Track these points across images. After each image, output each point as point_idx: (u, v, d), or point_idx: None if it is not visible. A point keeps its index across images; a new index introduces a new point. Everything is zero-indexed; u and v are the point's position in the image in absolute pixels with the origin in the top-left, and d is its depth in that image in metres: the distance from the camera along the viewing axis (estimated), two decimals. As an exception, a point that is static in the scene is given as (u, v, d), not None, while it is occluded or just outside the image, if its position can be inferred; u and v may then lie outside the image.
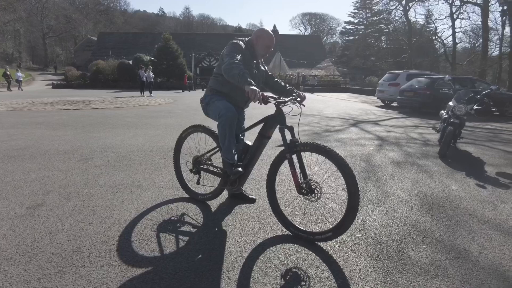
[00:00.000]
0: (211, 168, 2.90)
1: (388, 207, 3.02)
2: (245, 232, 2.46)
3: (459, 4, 25.41)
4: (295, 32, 70.27)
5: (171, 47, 29.79)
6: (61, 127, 7.01)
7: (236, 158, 2.60)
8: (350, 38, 60.83)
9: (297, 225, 2.43)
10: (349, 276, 1.97)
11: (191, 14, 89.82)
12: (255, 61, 2.69)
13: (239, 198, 3.05)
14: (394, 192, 3.43)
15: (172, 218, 2.65)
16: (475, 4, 23.75)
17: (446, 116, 5.33)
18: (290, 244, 2.31)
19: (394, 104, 15.03)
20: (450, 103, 5.83)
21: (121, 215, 2.67)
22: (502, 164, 4.75)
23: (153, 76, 20.20)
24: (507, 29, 27.02)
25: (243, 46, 2.56)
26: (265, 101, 2.27)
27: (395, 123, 9.03)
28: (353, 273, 2.00)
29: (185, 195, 3.12)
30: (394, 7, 26.80)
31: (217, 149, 2.82)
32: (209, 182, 3.26)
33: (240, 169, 2.53)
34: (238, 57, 2.41)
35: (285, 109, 2.48)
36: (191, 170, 2.98)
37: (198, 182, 2.92)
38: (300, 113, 2.55)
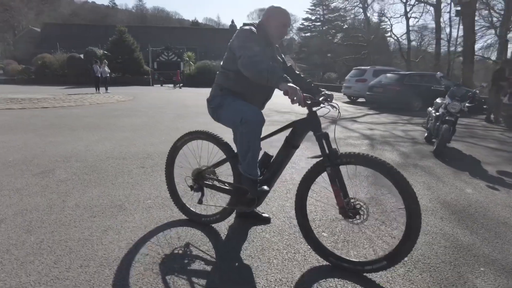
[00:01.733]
0: (217, 183, 2.35)
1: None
2: (274, 266, 1.97)
3: (412, 3, 26.68)
4: (253, 27, 69.86)
5: (127, 41, 27.96)
6: (7, 130, 5.93)
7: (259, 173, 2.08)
8: (308, 34, 61.75)
9: (338, 254, 1.98)
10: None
11: (145, 7, 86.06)
12: (270, 49, 2.18)
13: (251, 217, 2.53)
14: (384, 189, 3.11)
15: (176, 252, 2.08)
16: (428, 3, 25.06)
17: (438, 113, 5.19)
18: (336, 279, 1.86)
19: (360, 100, 15.20)
20: (438, 100, 5.73)
21: (108, 251, 2.04)
22: (496, 162, 4.69)
23: (109, 71, 18.70)
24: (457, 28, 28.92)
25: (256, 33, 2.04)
26: (305, 102, 1.80)
27: (371, 119, 8.95)
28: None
29: (182, 216, 2.54)
30: (355, 4, 27.48)
31: (225, 159, 2.29)
32: (214, 201, 2.71)
33: (266, 187, 2.02)
34: (257, 49, 1.90)
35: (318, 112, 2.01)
36: (191, 187, 2.40)
37: (200, 201, 2.36)
38: (339, 116, 2.09)
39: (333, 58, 40.76)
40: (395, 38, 31.27)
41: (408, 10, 27.56)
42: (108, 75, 18.25)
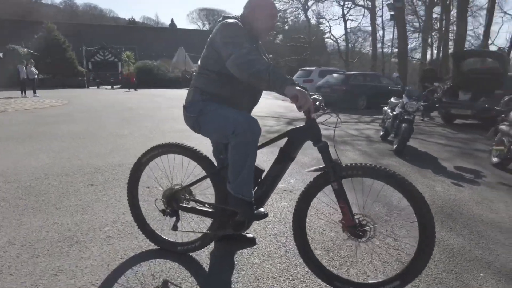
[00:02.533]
0: (197, 206, 1.99)
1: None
2: (275, 300, 1.68)
3: (349, 6, 28.20)
4: (193, 27, 68.37)
5: (56, 39, 25.43)
6: None
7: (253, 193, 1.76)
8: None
9: (345, 277, 1.76)
10: None
11: (75, 3, 79.46)
12: (256, 46, 1.90)
13: (234, 239, 2.21)
14: (392, 202, 3.05)
15: (153, 294, 1.69)
16: (364, 7, 26.70)
17: (395, 112, 5.32)
18: (348, 310, 1.63)
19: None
20: (393, 100, 5.90)
21: (62, 306, 1.58)
22: (450, 157, 4.92)
23: (36, 72, 16.73)
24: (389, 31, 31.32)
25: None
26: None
27: (321, 119, 9.05)
28: None
29: (152, 244, 2.14)
30: (296, 6, 28.12)
31: (205, 176, 1.94)
32: (192, 225, 2.33)
33: (263, 210, 1.72)
34: (249, 46, 1.61)
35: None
36: (163, 212, 2.01)
37: (175, 228, 1.98)
38: (340, 122, 1.86)
39: (275, 59, 41.54)
40: (334, 39, 32.81)
41: (345, 13, 29.06)
42: (36, 76, 16.34)
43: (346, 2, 28.19)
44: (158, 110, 10.03)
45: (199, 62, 1.86)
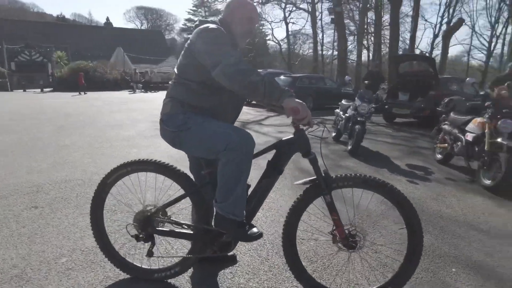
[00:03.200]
0: (175, 228, 1.80)
1: (378, 227, 2.66)
2: (270, 324, 1.58)
3: (290, 10, 29.06)
4: (131, 26, 65.02)
5: (-31, 36, 22.38)
6: None
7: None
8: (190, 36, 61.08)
9: (339, 291, 1.72)
10: None
11: (-11, -5, 70.86)
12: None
13: (215, 259, 2.05)
14: (361, 204, 3.12)
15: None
16: (305, 11, 27.75)
17: (347, 114, 5.52)
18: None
19: (254, 101, 15.61)
20: (344, 102, 6.13)
21: None
22: (400, 156, 5.25)
23: None
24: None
25: None
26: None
27: (276, 122, 9.14)
28: None
29: (122, 274, 1.90)
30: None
31: (183, 195, 1.77)
32: (165, 249, 2.11)
33: (256, 229, 1.60)
34: (237, 54, 1.49)
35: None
36: (137, 237, 1.78)
37: (150, 254, 1.78)
38: (327, 132, 1.81)
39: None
40: (276, 41, 33.57)
41: (287, 15, 29.88)
42: None
43: (288, 6, 29.00)
44: (100, 115, 9.27)
45: (175, 70, 1.69)
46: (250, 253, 2.21)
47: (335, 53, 23.03)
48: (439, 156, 4.90)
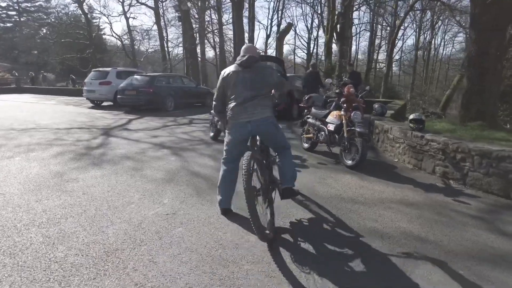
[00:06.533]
0: None
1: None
2: None
3: (129, 4, 27.02)
4: None
5: None
6: None
7: None
8: (0, 25, 49.37)
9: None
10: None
11: None
12: None
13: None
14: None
15: None
16: (147, 6, 26.33)
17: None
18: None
19: (106, 103, 14.12)
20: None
21: None
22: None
23: None
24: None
25: None
26: None
27: (142, 125, 8.52)
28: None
29: None
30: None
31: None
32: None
33: None
34: None
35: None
36: None
37: None
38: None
39: (41, 56, 34.87)
40: (117, 36, 30.83)
41: (126, 10, 27.65)
42: None
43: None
44: None
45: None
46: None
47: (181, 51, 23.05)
48: (306, 145, 5.77)
